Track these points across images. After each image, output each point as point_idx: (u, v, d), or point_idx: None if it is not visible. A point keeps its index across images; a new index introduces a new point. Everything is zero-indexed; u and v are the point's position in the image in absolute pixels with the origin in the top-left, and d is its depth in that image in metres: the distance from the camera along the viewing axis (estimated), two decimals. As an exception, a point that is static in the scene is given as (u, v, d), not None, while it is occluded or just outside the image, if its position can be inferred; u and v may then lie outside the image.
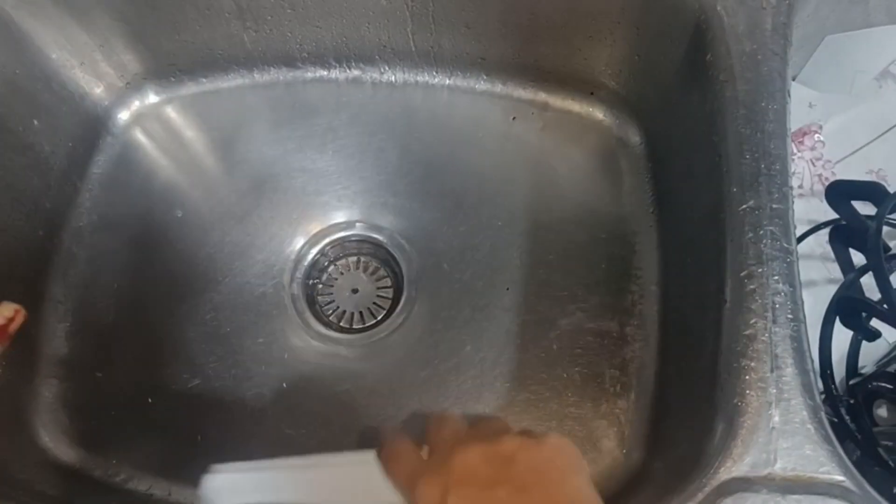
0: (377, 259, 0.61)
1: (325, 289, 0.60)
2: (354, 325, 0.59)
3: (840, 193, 0.53)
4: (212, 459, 0.52)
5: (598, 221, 0.61)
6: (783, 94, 0.46)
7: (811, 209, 0.63)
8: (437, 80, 0.65)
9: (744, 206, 0.44)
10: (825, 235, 0.56)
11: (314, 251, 0.59)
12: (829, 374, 0.51)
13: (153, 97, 0.64)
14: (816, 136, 0.65)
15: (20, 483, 0.48)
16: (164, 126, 0.64)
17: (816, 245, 0.61)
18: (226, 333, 0.56)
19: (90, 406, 0.54)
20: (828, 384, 0.51)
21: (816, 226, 0.58)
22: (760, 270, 0.42)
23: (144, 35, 0.59)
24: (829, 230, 0.55)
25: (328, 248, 0.60)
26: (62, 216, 0.59)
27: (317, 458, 0.40)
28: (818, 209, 0.62)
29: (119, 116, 0.63)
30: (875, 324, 0.51)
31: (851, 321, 0.51)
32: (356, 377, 0.56)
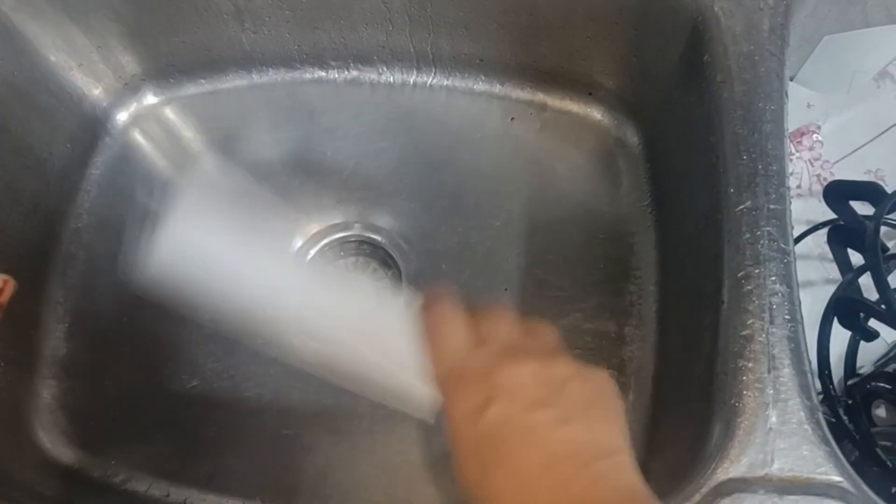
0: (376, 259, 0.61)
1: (324, 289, 0.60)
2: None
3: (838, 193, 0.53)
4: (210, 460, 0.53)
5: (597, 222, 0.61)
6: (780, 95, 0.46)
7: (809, 209, 0.63)
8: (436, 81, 0.65)
9: (741, 207, 0.44)
10: (823, 236, 0.56)
11: (313, 252, 0.59)
12: (828, 375, 0.51)
13: (152, 98, 0.64)
14: (815, 137, 0.65)
15: (19, 483, 0.48)
16: (163, 127, 0.64)
17: (815, 245, 0.61)
18: (224, 334, 0.56)
19: (89, 407, 0.54)
20: (826, 384, 0.51)
21: (814, 226, 0.58)
22: (758, 271, 0.42)
23: (143, 36, 0.59)
24: (828, 230, 0.55)
25: (327, 249, 0.60)
26: (61, 217, 0.59)
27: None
28: (816, 209, 0.62)
29: (117, 117, 0.63)
30: (873, 324, 0.51)
31: (849, 321, 0.51)
32: (355, 378, 0.56)
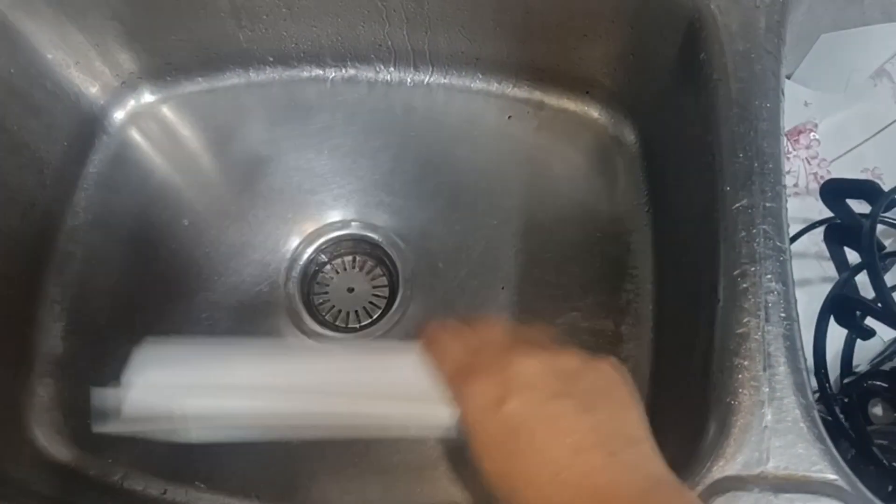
0: (373, 258, 0.61)
1: (321, 288, 0.60)
2: (350, 325, 0.59)
3: (835, 192, 0.53)
4: (208, 459, 0.53)
5: (594, 220, 0.61)
6: (777, 93, 0.46)
7: (806, 208, 0.63)
8: (433, 80, 0.65)
9: (737, 205, 0.44)
10: (820, 234, 0.56)
11: (310, 250, 0.59)
12: (824, 373, 0.51)
13: (149, 96, 0.64)
14: (812, 135, 0.65)
15: (15, 482, 0.48)
16: (160, 125, 0.64)
17: (811, 243, 0.61)
18: (222, 332, 0.56)
19: (85, 405, 0.54)
20: (822, 383, 0.51)
21: (811, 224, 0.58)
22: (753, 269, 0.42)
23: (140, 34, 0.59)
24: (824, 228, 0.55)
25: (324, 248, 0.60)
26: (58, 215, 0.59)
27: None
28: (813, 207, 0.62)
29: (115, 116, 0.63)
30: (870, 322, 0.51)
31: (846, 320, 0.51)
32: (352, 376, 0.56)
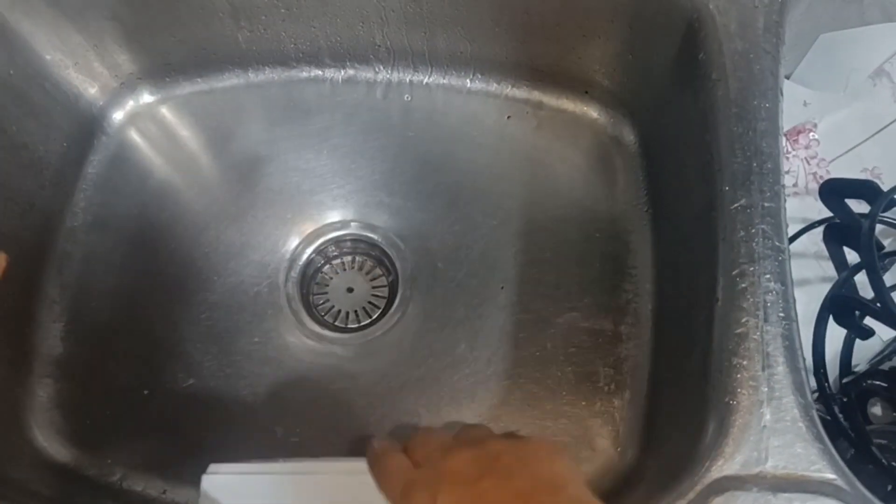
0: (372, 258, 0.61)
1: (320, 288, 0.60)
2: (349, 325, 0.59)
3: (834, 192, 0.53)
4: (206, 459, 0.52)
5: (593, 220, 0.61)
6: (775, 93, 0.46)
7: (806, 207, 0.63)
8: (432, 80, 0.65)
9: (736, 205, 0.44)
10: (819, 234, 0.56)
11: (309, 250, 0.59)
12: (823, 373, 0.51)
13: (147, 97, 0.64)
14: (811, 135, 0.65)
15: (14, 482, 0.48)
16: (159, 126, 0.63)
17: (810, 243, 0.61)
18: (221, 333, 0.56)
19: (85, 405, 0.54)
20: (821, 382, 0.51)
21: (810, 224, 0.58)
22: (752, 269, 0.42)
23: (138, 35, 0.59)
24: (824, 228, 0.56)
25: (323, 248, 0.60)
26: (56, 216, 0.59)
27: (314, 464, 0.41)
28: (812, 207, 0.62)
29: (113, 116, 0.63)
30: (869, 322, 0.51)
31: (845, 319, 0.51)
32: (351, 376, 0.56)
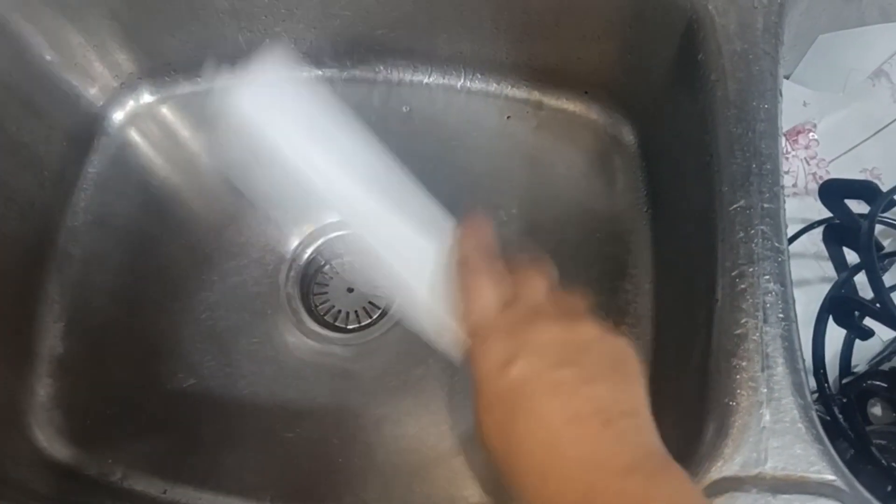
0: (372, 258, 0.61)
1: (320, 288, 0.60)
2: (349, 325, 0.59)
3: (833, 192, 0.53)
4: (206, 457, 0.53)
5: (593, 220, 0.61)
6: (774, 94, 0.46)
7: (805, 208, 0.63)
8: (433, 80, 0.65)
9: (735, 206, 0.44)
10: (819, 234, 0.56)
11: (309, 250, 0.60)
12: (823, 373, 0.51)
13: (148, 97, 0.64)
14: (810, 135, 0.65)
15: (14, 482, 0.48)
16: (159, 126, 0.64)
17: (810, 244, 0.61)
18: (221, 332, 0.56)
19: (85, 405, 0.54)
20: (821, 383, 0.51)
21: (810, 224, 0.58)
22: (751, 270, 0.42)
23: (139, 35, 0.59)
24: (823, 229, 0.56)
25: (323, 248, 0.60)
26: (57, 216, 0.59)
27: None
28: (812, 208, 0.62)
29: (114, 116, 0.63)
30: (868, 322, 0.51)
31: (844, 320, 0.51)
32: (351, 376, 0.56)
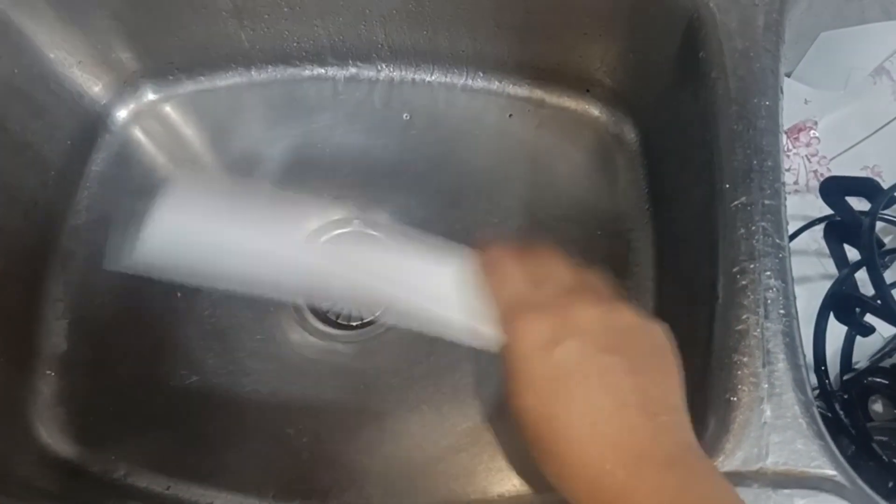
0: (374, 256, 0.61)
1: (323, 286, 0.60)
2: (352, 322, 0.59)
3: (834, 189, 0.53)
4: (210, 454, 0.53)
5: (594, 218, 0.61)
6: (775, 91, 0.46)
7: (806, 205, 0.63)
8: (434, 78, 0.65)
9: (736, 203, 0.44)
10: (820, 231, 0.56)
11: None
12: (824, 370, 0.51)
13: (151, 95, 0.64)
14: (812, 133, 0.65)
15: (18, 479, 0.48)
16: (163, 124, 0.64)
17: (811, 241, 0.61)
18: (224, 330, 0.56)
19: (88, 402, 0.54)
20: (822, 379, 0.51)
21: (811, 222, 0.58)
22: (752, 266, 0.42)
23: (142, 34, 0.60)
24: (824, 226, 0.56)
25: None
26: (60, 214, 0.59)
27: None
28: (813, 205, 0.62)
29: (117, 115, 0.63)
30: (869, 319, 0.51)
31: (845, 317, 0.51)
32: (353, 373, 0.56)
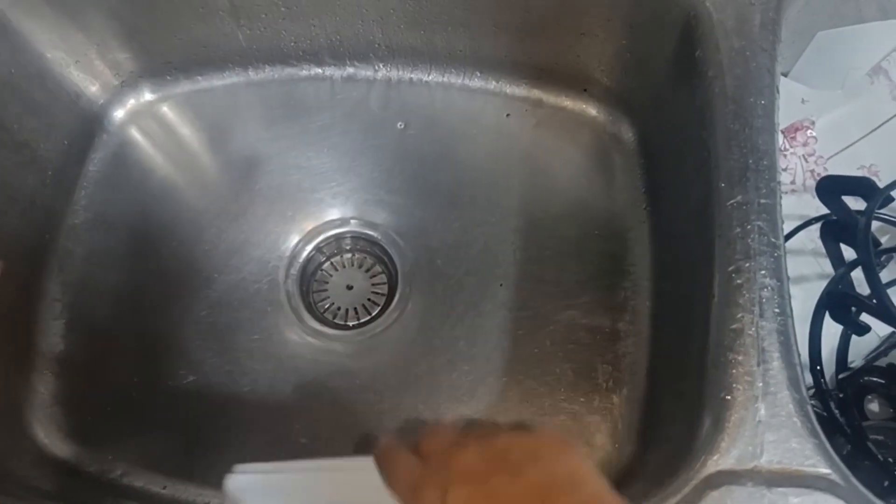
0: (372, 256, 0.61)
1: (320, 285, 0.60)
2: (349, 322, 0.59)
3: (830, 189, 0.53)
4: (206, 455, 0.53)
5: (592, 217, 0.61)
6: (772, 90, 0.46)
7: (803, 204, 0.63)
8: (432, 78, 0.65)
9: (732, 202, 0.44)
10: (817, 230, 0.56)
11: (309, 248, 0.60)
12: (819, 369, 0.51)
13: (148, 95, 0.64)
14: (809, 132, 0.65)
15: (16, 478, 0.48)
16: (160, 124, 0.64)
17: (808, 240, 0.61)
18: (221, 330, 0.57)
19: (86, 402, 0.55)
20: (817, 378, 0.51)
21: (807, 221, 0.58)
22: (748, 265, 0.42)
23: (139, 34, 0.60)
24: (820, 225, 0.56)
25: (323, 245, 0.60)
26: (58, 214, 0.59)
27: (332, 462, 0.40)
28: (810, 204, 0.62)
29: (114, 114, 0.63)
30: (865, 318, 0.51)
31: (841, 316, 0.51)
32: (351, 373, 0.56)
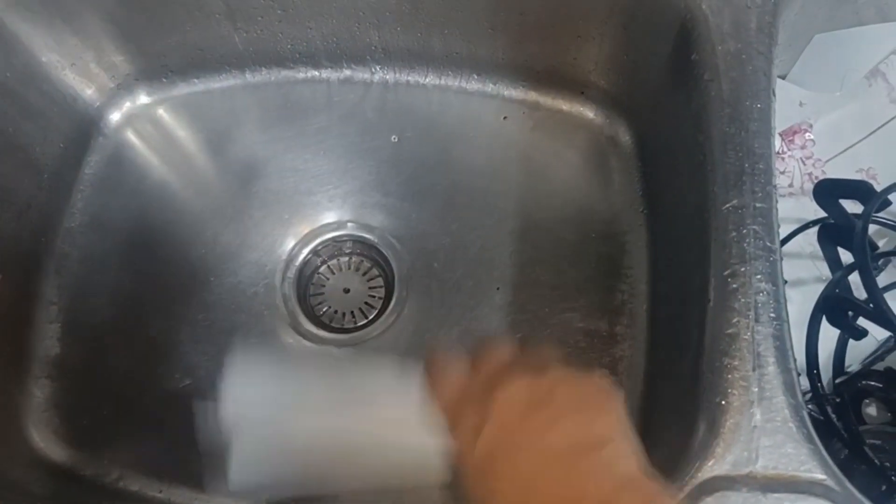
0: (368, 259, 0.61)
1: (317, 289, 0.60)
2: (346, 325, 0.59)
3: (828, 192, 0.53)
4: (203, 459, 0.53)
5: (589, 220, 0.61)
6: (768, 94, 0.46)
7: (801, 208, 0.63)
8: (428, 80, 0.65)
9: (728, 205, 0.44)
10: (814, 234, 0.56)
11: (306, 251, 0.60)
12: (816, 373, 0.51)
13: (144, 98, 0.64)
14: (807, 135, 0.65)
15: (11, 483, 0.48)
16: (156, 127, 0.64)
17: (806, 243, 0.61)
18: (218, 333, 0.57)
19: (82, 406, 0.54)
20: (814, 383, 0.51)
21: (804, 224, 0.58)
22: (744, 269, 0.42)
23: (135, 36, 0.60)
24: (818, 228, 0.55)
25: (320, 248, 0.60)
26: (54, 217, 0.59)
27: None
28: (808, 208, 0.62)
29: (110, 117, 0.63)
30: (862, 322, 0.51)
31: (838, 320, 0.51)
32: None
